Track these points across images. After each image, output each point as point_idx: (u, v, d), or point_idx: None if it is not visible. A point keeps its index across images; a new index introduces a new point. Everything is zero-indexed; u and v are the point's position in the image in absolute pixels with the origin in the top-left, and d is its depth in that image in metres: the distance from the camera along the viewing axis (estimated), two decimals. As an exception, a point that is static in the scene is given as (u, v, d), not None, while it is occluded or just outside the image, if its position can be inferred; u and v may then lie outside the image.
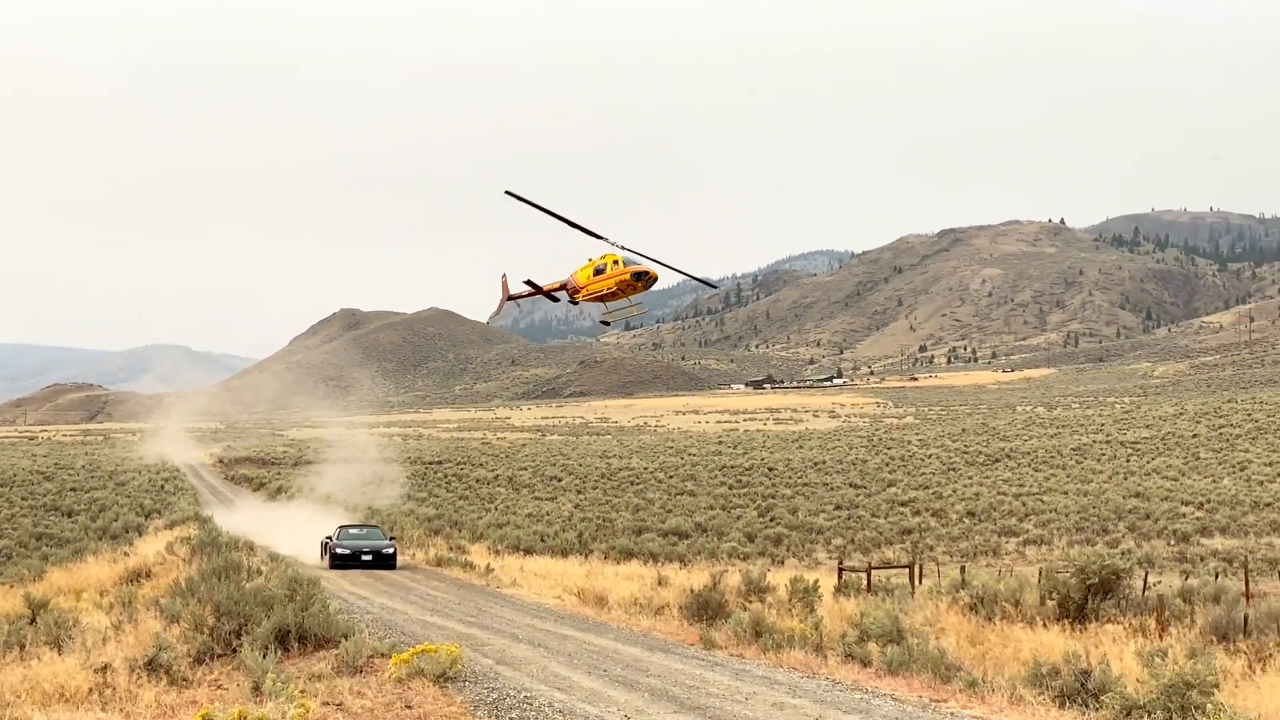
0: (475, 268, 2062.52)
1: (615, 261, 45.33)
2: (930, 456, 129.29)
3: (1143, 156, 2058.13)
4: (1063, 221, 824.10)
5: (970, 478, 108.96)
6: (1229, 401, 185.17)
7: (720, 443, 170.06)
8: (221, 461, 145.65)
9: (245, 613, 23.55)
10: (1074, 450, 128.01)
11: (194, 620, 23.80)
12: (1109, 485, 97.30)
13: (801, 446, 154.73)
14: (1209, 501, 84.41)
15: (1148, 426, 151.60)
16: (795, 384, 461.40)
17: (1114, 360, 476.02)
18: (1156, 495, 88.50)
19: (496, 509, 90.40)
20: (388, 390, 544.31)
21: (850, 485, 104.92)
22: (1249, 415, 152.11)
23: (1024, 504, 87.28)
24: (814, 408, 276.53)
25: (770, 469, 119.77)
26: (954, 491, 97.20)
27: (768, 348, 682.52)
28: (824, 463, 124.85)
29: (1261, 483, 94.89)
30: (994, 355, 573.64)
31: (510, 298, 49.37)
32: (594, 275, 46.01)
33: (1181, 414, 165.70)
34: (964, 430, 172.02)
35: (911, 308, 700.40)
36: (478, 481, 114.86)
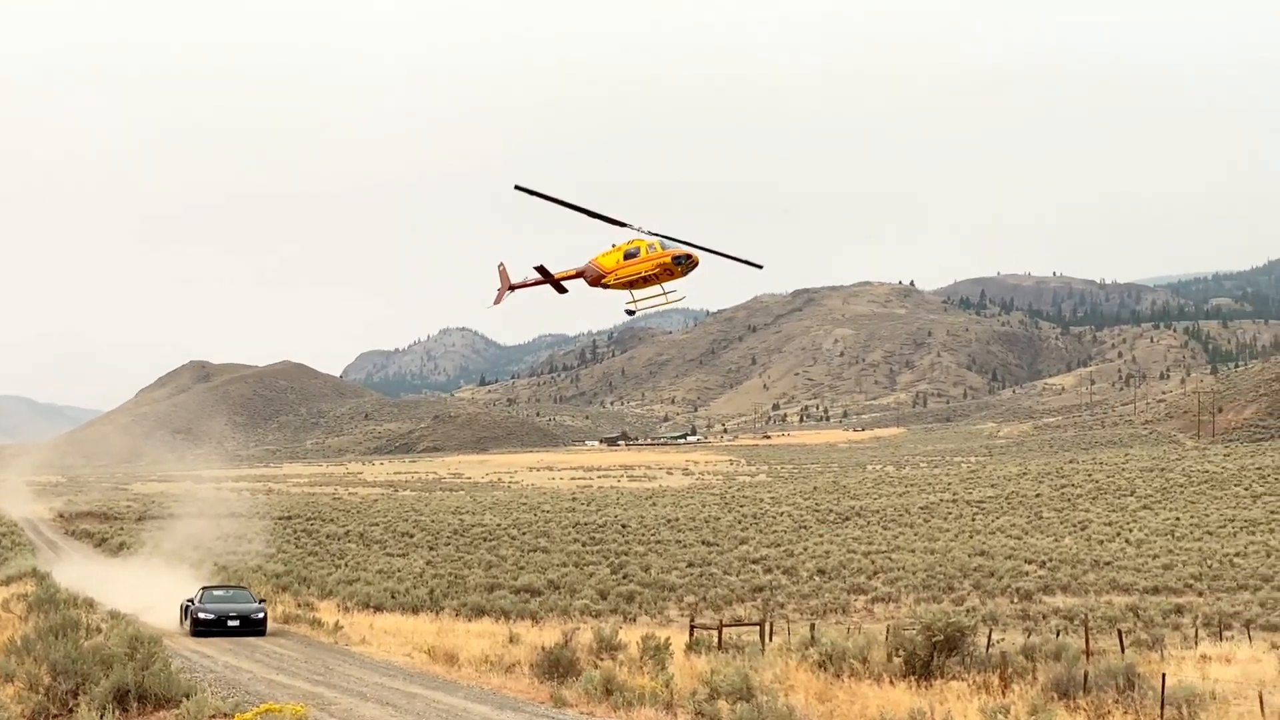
0: (329, 320, 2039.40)
1: (651, 246, 43.13)
2: (782, 514, 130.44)
3: (989, 222, 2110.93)
4: (913, 284, 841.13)
5: (821, 535, 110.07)
6: (1071, 462, 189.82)
7: (574, 499, 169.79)
8: (62, 516, 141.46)
9: (83, 672, 22.93)
10: (922, 509, 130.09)
11: (29, 680, 23.12)
12: (955, 543, 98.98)
13: (655, 504, 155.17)
14: (1051, 560, 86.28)
15: (993, 486, 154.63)
16: (650, 441, 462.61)
17: (961, 420, 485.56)
18: (1001, 553, 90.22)
19: (347, 565, 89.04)
20: (238, 444, 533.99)
21: (703, 542, 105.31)
22: (1089, 475, 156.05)
23: (873, 562, 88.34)
24: (668, 465, 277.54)
25: (624, 526, 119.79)
26: (805, 549, 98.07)
27: (623, 404, 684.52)
28: (677, 520, 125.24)
29: (1101, 542, 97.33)
30: (845, 414, 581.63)
31: (513, 287, 46.58)
32: (624, 259, 43.73)
33: (1025, 474, 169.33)
34: (815, 488, 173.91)
35: (765, 366, 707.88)
36: (328, 537, 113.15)
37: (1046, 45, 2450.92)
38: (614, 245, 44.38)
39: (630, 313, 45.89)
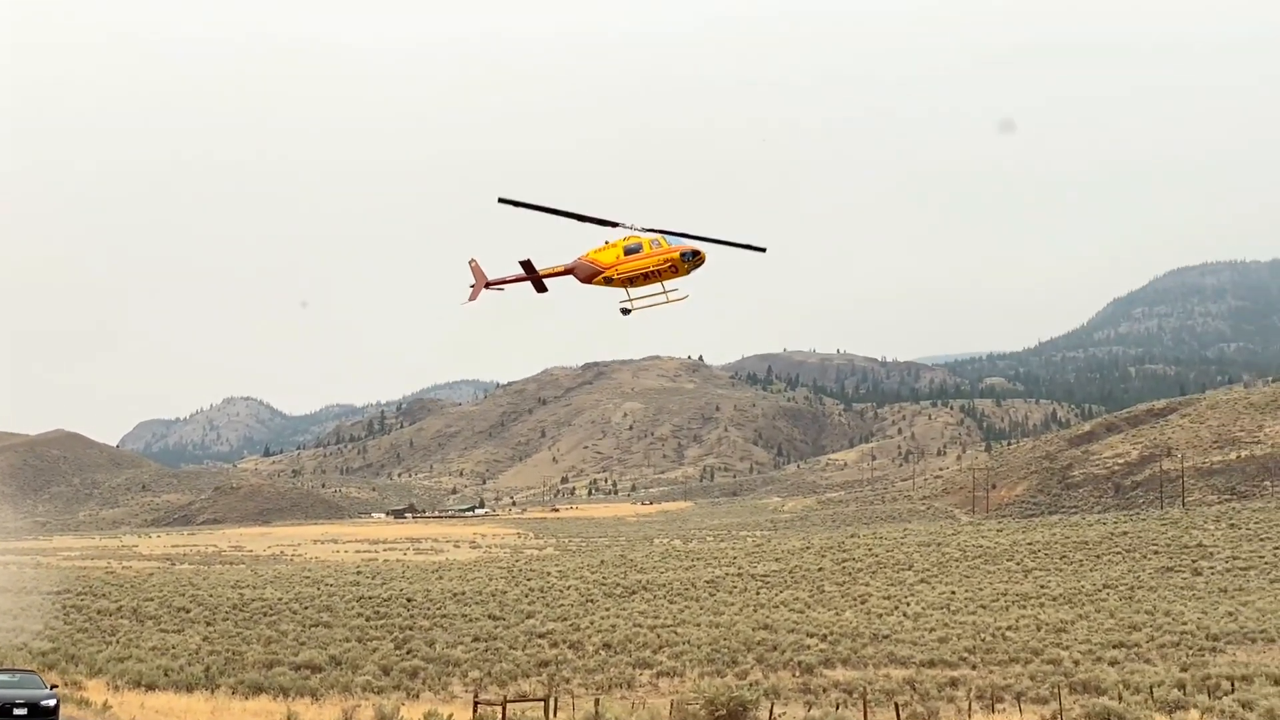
0: (105, 387, 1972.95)
1: (654, 241, 41.76)
2: (569, 588, 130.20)
3: (776, 299, 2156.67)
4: (701, 359, 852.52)
5: (608, 609, 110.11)
6: (852, 536, 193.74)
7: (359, 573, 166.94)
8: None
9: None
10: (708, 582, 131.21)
11: None
12: (740, 617, 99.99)
13: (441, 577, 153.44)
14: (832, 633, 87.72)
15: (777, 560, 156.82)
16: (437, 514, 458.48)
17: (747, 494, 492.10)
18: (784, 627, 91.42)
19: (118, 642, 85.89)
20: (5, 516, 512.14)
21: (489, 617, 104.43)
22: (870, 550, 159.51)
23: (659, 636, 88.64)
24: (455, 538, 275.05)
25: (409, 600, 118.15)
26: (591, 623, 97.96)
27: (411, 476, 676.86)
28: (463, 594, 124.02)
29: (880, 615, 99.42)
30: (634, 488, 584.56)
31: (489, 284, 44.59)
32: (625, 255, 42.26)
33: (808, 548, 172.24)
34: (603, 562, 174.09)
35: (555, 439, 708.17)
36: (99, 613, 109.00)
37: (838, 128, 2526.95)
38: (607, 242, 43.13)
39: (626, 311, 44.08)
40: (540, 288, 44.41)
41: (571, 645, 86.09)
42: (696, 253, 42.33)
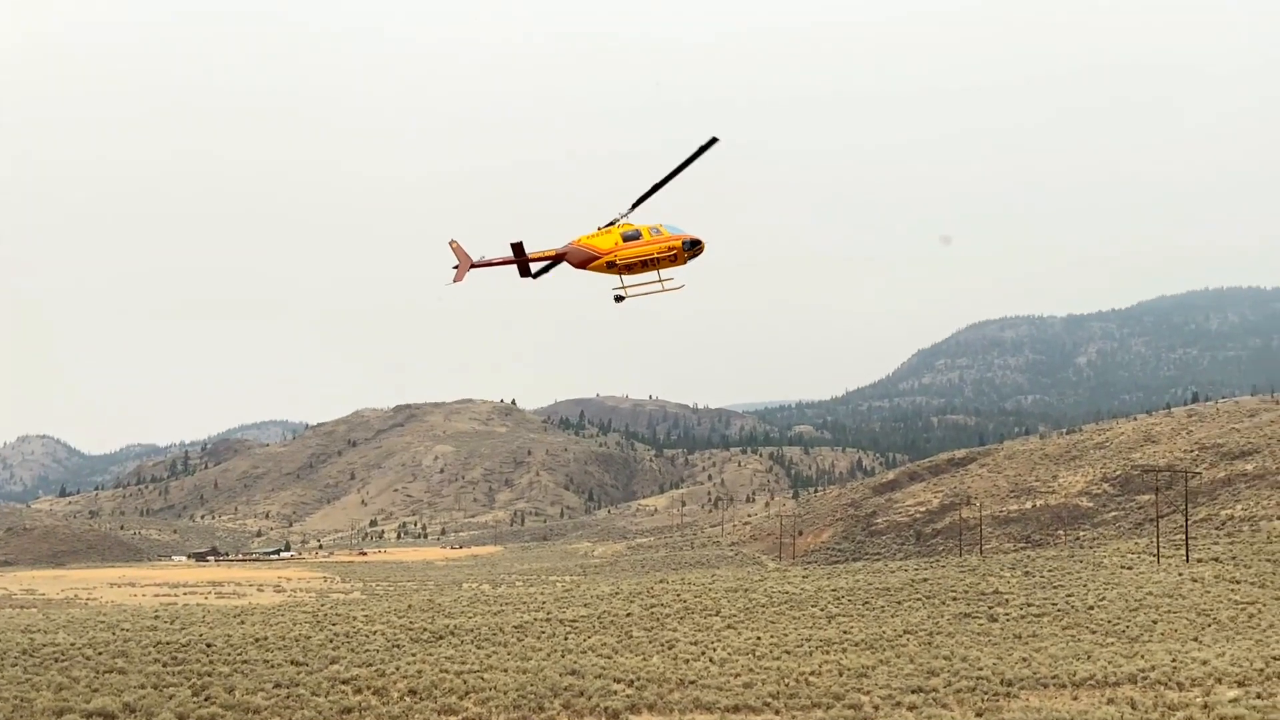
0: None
1: (654, 229, 40.90)
2: (375, 633, 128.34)
3: (588, 347, 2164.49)
4: (514, 402, 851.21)
5: (414, 655, 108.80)
6: (661, 581, 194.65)
7: (157, 617, 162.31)
8: None
9: None
10: (516, 627, 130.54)
11: None
12: (547, 663, 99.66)
13: (243, 622, 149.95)
14: (639, 679, 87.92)
15: (586, 605, 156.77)
16: (241, 557, 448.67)
17: (557, 539, 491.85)
18: (591, 673, 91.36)
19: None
20: None
21: (291, 662, 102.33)
22: (678, 595, 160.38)
23: (465, 681, 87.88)
24: (259, 581, 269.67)
25: (208, 645, 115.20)
26: (397, 669, 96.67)
27: (214, 518, 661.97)
28: (265, 639, 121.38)
29: (687, 660, 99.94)
30: (444, 531, 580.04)
31: (475, 265, 42.42)
32: (623, 241, 41.31)
33: (617, 593, 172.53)
34: (410, 606, 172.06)
35: (364, 482, 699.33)
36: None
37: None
38: (600, 228, 42.30)
39: (619, 298, 43.09)
40: (525, 272, 43.06)
41: (376, 691, 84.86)
42: (697, 241, 42.21)
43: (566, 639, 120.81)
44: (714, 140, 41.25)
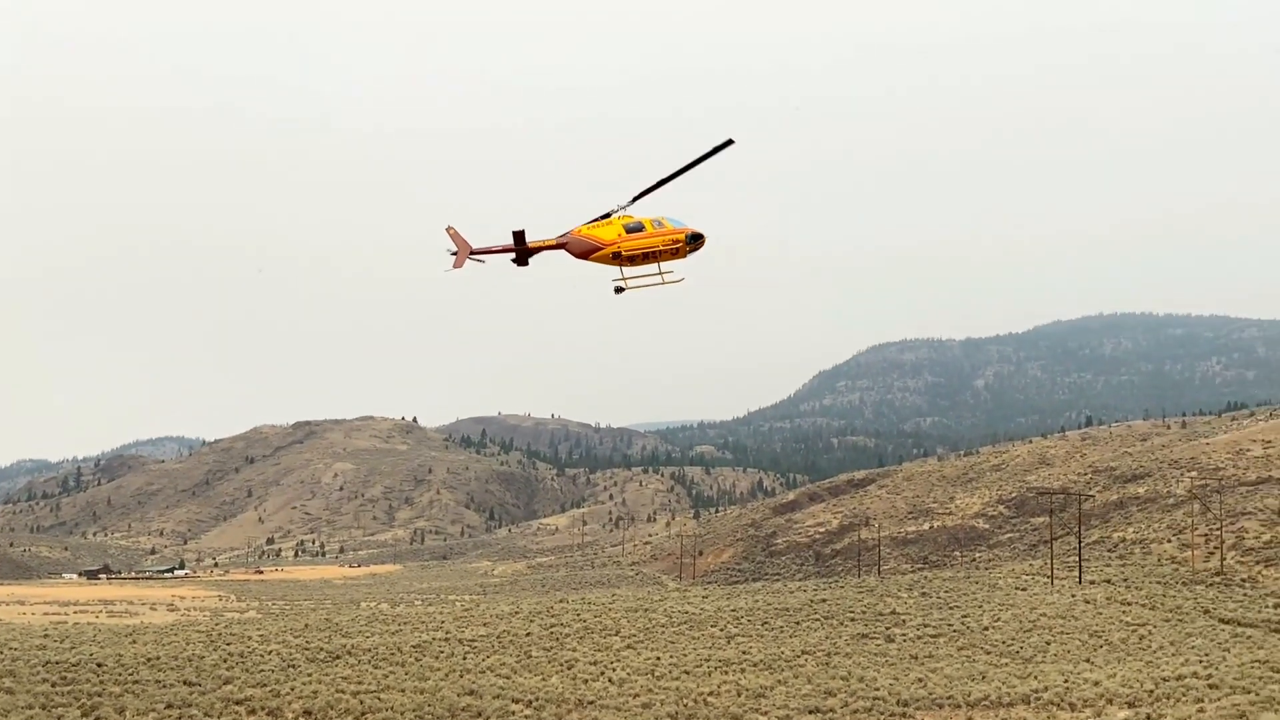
0: None
1: (656, 221, 40.40)
2: (271, 652, 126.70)
3: (491, 364, 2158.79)
4: (415, 420, 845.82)
5: (310, 675, 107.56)
6: (561, 601, 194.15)
7: (46, 636, 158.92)
8: None
9: None
10: (414, 647, 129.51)
11: None
12: (445, 683, 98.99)
13: (135, 641, 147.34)
14: (538, 699, 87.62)
15: (485, 624, 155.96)
16: (134, 575, 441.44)
17: (457, 558, 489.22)
18: (490, 693, 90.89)
19: None
20: None
21: (184, 683, 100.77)
22: (578, 615, 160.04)
23: (361, 702, 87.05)
24: (152, 600, 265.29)
25: (99, 665, 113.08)
26: (292, 689, 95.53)
27: (107, 536, 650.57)
28: (158, 658, 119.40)
29: (586, 680, 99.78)
30: (342, 549, 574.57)
31: (474, 253, 41.68)
32: (626, 232, 40.81)
33: (517, 613, 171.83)
34: (307, 625, 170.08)
35: (262, 499, 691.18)
36: None
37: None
38: (598, 220, 41.88)
39: (619, 290, 42.76)
40: (523, 261, 42.48)
41: (271, 712, 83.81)
42: (699, 235, 41.98)
43: (465, 659, 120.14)
44: (729, 141, 41.44)
